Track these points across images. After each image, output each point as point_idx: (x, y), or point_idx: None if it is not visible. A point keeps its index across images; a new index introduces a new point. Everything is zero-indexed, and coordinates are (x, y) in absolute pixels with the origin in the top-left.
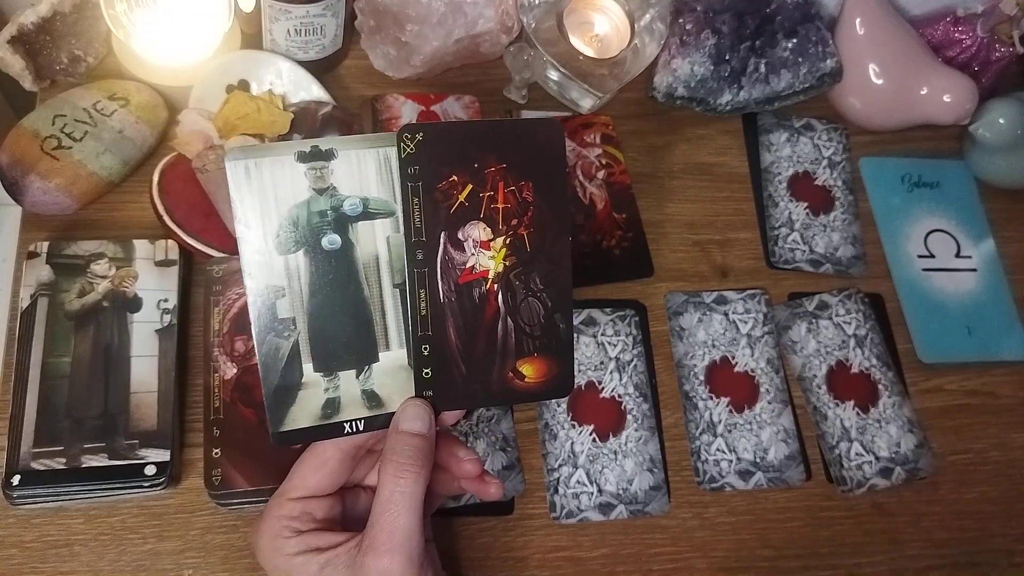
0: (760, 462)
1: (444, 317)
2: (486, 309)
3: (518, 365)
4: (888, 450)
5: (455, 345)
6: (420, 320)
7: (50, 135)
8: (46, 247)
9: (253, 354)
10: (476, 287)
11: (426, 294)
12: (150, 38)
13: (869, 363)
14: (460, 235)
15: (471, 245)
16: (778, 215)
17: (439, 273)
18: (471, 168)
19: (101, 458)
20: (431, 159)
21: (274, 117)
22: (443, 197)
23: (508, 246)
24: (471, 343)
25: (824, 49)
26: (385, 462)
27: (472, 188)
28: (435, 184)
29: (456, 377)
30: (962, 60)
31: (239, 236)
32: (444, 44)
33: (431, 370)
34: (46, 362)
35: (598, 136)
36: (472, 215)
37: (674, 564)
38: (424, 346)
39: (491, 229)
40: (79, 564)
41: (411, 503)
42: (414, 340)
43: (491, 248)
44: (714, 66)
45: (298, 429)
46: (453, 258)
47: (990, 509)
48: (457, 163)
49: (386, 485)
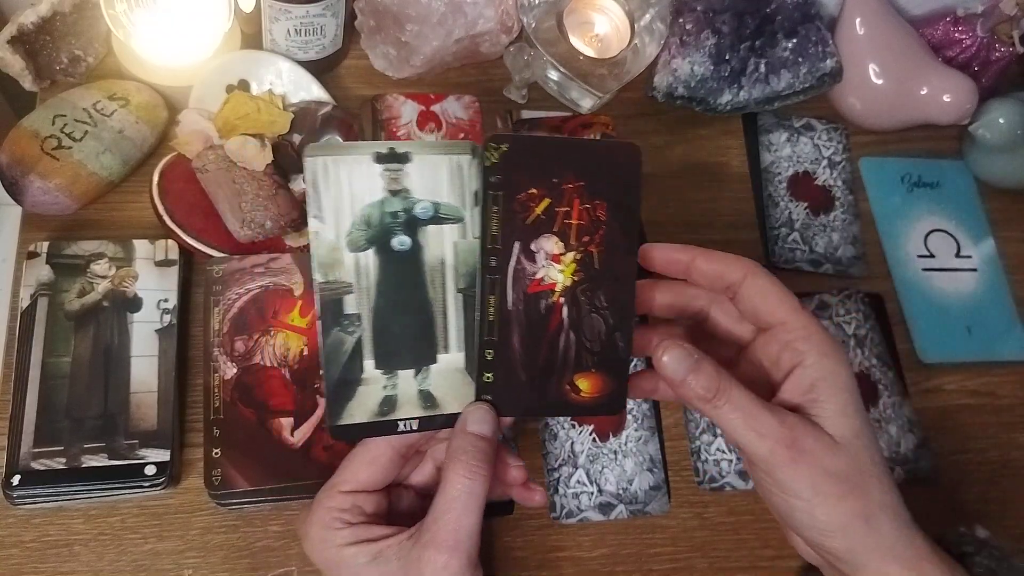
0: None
1: (510, 324)
2: (550, 321)
3: (575, 378)
4: (888, 450)
5: (518, 352)
6: (487, 325)
7: (50, 135)
8: (46, 247)
9: (253, 354)
10: (543, 298)
11: (495, 300)
12: (150, 38)
13: (869, 363)
14: (533, 246)
15: (543, 257)
16: (778, 215)
17: (509, 281)
18: (550, 183)
19: (101, 458)
20: (514, 170)
21: (274, 117)
22: (521, 208)
23: (578, 262)
24: (533, 352)
25: (824, 49)
26: (453, 461)
27: (550, 202)
28: (515, 194)
29: (516, 384)
30: (962, 60)
31: (312, 230)
32: (444, 44)
33: (493, 375)
34: (46, 362)
35: (598, 136)
36: (547, 228)
37: (674, 564)
38: (488, 351)
39: (563, 243)
40: (79, 564)
41: (476, 503)
42: (479, 344)
43: (561, 262)
44: (714, 66)
45: (355, 424)
46: (524, 268)
47: (990, 509)
48: (538, 176)
49: (453, 484)
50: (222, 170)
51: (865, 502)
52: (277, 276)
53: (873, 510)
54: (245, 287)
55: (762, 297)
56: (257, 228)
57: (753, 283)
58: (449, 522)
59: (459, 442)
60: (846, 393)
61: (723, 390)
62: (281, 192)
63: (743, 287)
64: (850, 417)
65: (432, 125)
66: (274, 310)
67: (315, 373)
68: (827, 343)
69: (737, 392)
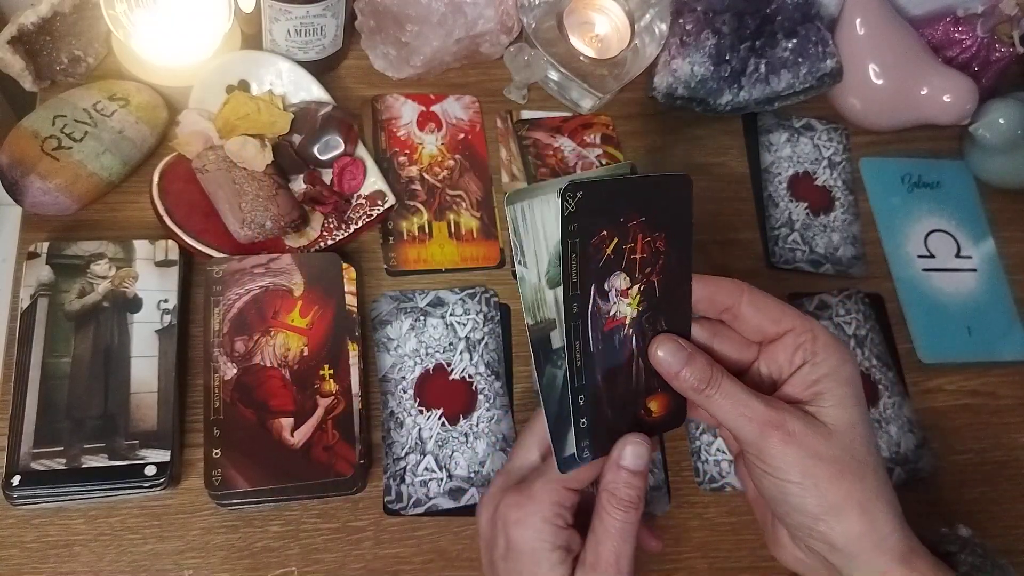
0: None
1: (594, 366)
2: (624, 353)
3: (647, 402)
4: (888, 450)
5: (602, 391)
6: (576, 372)
7: (50, 135)
8: (46, 247)
9: (253, 354)
10: (617, 333)
11: (579, 345)
12: (150, 38)
13: (869, 363)
14: (606, 286)
15: (614, 295)
16: (778, 215)
17: (589, 324)
18: (618, 223)
19: (101, 458)
20: (587, 215)
21: (274, 117)
22: (594, 251)
23: (641, 293)
24: (613, 386)
25: (824, 49)
26: (609, 495)
27: (617, 241)
28: (589, 240)
29: (603, 422)
30: (962, 60)
31: (520, 276)
32: (444, 44)
33: (587, 420)
34: (46, 362)
35: (598, 136)
36: (616, 266)
37: (674, 564)
38: (580, 396)
39: (630, 279)
40: (79, 564)
41: (631, 532)
42: (572, 392)
43: (629, 296)
44: (714, 66)
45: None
46: (600, 308)
47: (990, 509)
48: (608, 218)
49: (611, 515)
50: (222, 170)
51: (861, 488)
52: (277, 276)
53: (869, 498)
54: (245, 287)
55: (764, 311)
56: (257, 228)
57: (752, 300)
58: (611, 551)
59: (613, 476)
60: (847, 387)
61: (714, 380)
62: (281, 192)
63: (743, 306)
64: (848, 409)
65: (432, 125)
66: (274, 310)
67: (315, 373)
68: (833, 342)
69: (727, 382)
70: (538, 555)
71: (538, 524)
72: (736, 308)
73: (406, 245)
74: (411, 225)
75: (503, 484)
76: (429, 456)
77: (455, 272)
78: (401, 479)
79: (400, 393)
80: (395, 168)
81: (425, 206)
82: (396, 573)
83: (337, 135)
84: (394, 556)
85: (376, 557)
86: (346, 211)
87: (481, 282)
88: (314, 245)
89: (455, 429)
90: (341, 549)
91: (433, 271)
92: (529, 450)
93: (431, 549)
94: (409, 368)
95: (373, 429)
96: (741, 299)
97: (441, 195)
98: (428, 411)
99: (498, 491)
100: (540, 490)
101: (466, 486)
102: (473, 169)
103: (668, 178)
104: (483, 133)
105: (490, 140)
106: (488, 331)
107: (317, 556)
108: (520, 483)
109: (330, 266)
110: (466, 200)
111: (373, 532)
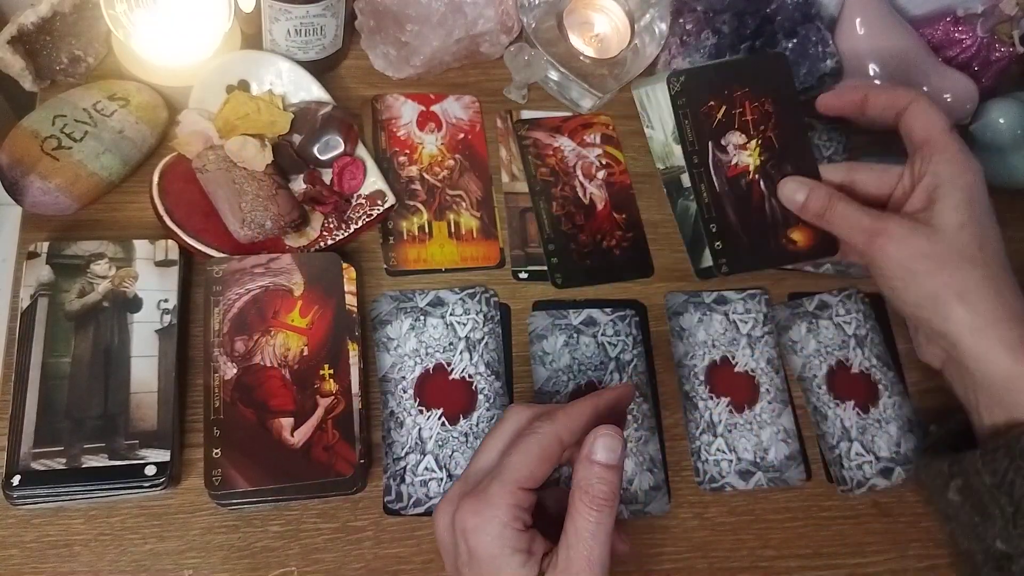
0: (760, 462)
1: (722, 202)
2: (753, 194)
3: (790, 233)
4: (888, 450)
5: (735, 222)
6: (705, 207)
7: (50, 135)
8: (46, 247)
9: (253, 354)
10: (742, 178)
11: (705, 187)
12: (150, 38)
13: (869, 363)
14: (723, 141)
15: (732, 148)
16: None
17: (712, 171)
18: (723, 94)
19: (101, 458)
20: (693, 92)
21: (274, 117)
22: (705, 117)
23: (760, 146)
24: (747, 220)
25: (824, 50)
26: (580, 492)
27: (726, 108)
28: (699, 109)
29: (741, 246)
30: (962, 60)
31: (649, 136)
32: (444, 44)
33: (721, 243)
34: (46, 362)
35: (598, 136)
36: (730, 127)
37: (674, 564)
38: (712, 225)
39: (745, 135)
40: (79, 564)
41: (605, 534)
42: (704, 223)
43: (748, 148)
44: None
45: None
46: (720, 159)
47: None
48: (712, 92)
49: (583, 516)
50: (222, 170)
51: (961, 278)
52: (277, 276)
53: (970, 288)
54: (245, 287)
55: (918, 118)
56: (257, 228)
57: (915, 107)
58: (582, 553)
59: (584, 472)
60: (961, 192)
61: (831, 205)
62: (281, 192)
63: (907, 111)
64: (959, 211)
65: (432, 125)
66: (274, 310)
67: (315, 373)
68: (959, 153)
69: (842, 203)
70: (499, 561)
71: (496, 529)
72: (903, 111)
73: (406, 245)
74: (411, 225)
75: (461, 490)
76: (429, 456)
77: (455, 272)
78: (401, 479)
79: (400, 393)
80: (395, 168)
81: (425, 206)
82: (396, 573)
83: (337, 135)
84: (394, 556)
85: (376, 557)
86: (346, 211)
87: (481, 282)
88: (314, 245)
89: (455, 429)
90: (341, 549)
91: (433, 271)
92: (489, 453)
93: (431, 549)
94: (409, 368)
95: (373, 429)
96: (908, 104)
97: (441, 195)
98: (428, 411)
99: (456, 496)
100: (496, 494)
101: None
102: (473, 169)
103: (763, 56)
104: (483, 133)
105: (490, 140)
106: (488, 331)
107: (317, 556)
108: (475, 488)
109: (330, 266)
110: (466, 200)
111: (373, 532)
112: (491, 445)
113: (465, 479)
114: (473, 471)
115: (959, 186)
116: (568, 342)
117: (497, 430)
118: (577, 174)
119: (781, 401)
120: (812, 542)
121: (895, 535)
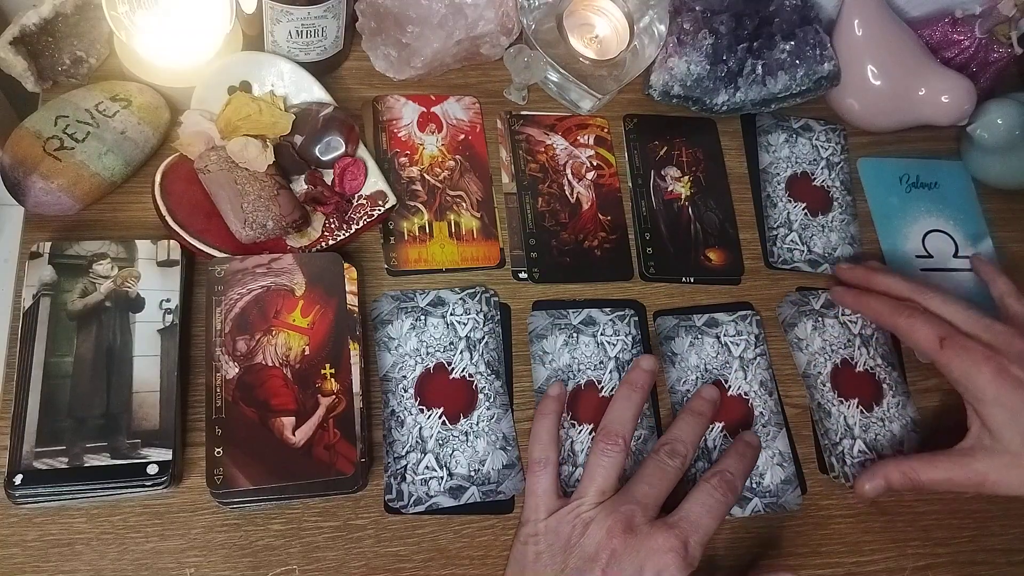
0: (756, 487)
1: (657, 218)
2: (682, 216)
3: (707, 252)
4: (891, 449)
5: (665, 235)
6: (642, 218)
7: (52, 136)
8: (48, 247)
9: (254, 354)
10: (675, 203)
11: (645, 204)
12: (152, 39)
13: (874, 362)
14: (663, 172)
15: (669, 179)
16: (776, 215)
17: (652, 193)
18: (665, 137)
19: (103, 457)
20: (642, 133)
21: (276, 118)
22: (651, 153)
23: (691, 181)
24: (675, 235)
25: (822, 52)
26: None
27: (667, 148)
28: (646, 145)
29: (667, 254)
30: (960, 61)
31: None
32: (444, 46)
33: (651, 248)
34: (48, 362)
35: (591, 138)
36: (669, 163)
37: None
38: (647, 234)
39: (680, 171)
40: (81, 563)
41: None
42: (638, 232)
43: (681, 181)
44: (710, 66)
45: None
46: (660, 185)
47: (989, 509)
48: (657, 136)
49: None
50: (224, 171)
51: None
52: (279, 276)
53: None
54: (247, 287)
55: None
56: (259, 229)
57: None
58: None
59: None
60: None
61: (911, 476)
62: (283, 193)
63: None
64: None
65: (433, 126)
66: (276, 310)
67: (316, 373)
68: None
69: (917, 465)
70: (573, 531)
71: (558, 503)
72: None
73: (407, 245)
74: (412, 225)
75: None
76: (430, 455)
77: (455, 272)
78: (402, 477)
79: (401, 392)
80: (396, 168)
81: (426, 206)
82: (397, 571)
83: (338, 136)
84: (395, 554)
85: (377, 555)
86: (347, 211)
87: (481, 282)
88: (315, 245)
89: (455, 428)
90: (342, 547)
91: (434, 271)
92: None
93: (432, 547)
94: (410, 367)
95: (374, 428)
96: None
97: (442, 195)
98: (429, 410)
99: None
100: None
101: (466, 484)
102: (473, 170)
103: (699, 120)
104: (483, 134)
105: (490, 141)
106: (488, 330)
107: (318, 554)
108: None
109: (331, 266)
110: (466, 200)
111: (374, 530)
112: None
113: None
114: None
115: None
116: (568, 341)
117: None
118: (566, 172)
119: (775, 424)
120: (811, 541)
121: (894, 534)
